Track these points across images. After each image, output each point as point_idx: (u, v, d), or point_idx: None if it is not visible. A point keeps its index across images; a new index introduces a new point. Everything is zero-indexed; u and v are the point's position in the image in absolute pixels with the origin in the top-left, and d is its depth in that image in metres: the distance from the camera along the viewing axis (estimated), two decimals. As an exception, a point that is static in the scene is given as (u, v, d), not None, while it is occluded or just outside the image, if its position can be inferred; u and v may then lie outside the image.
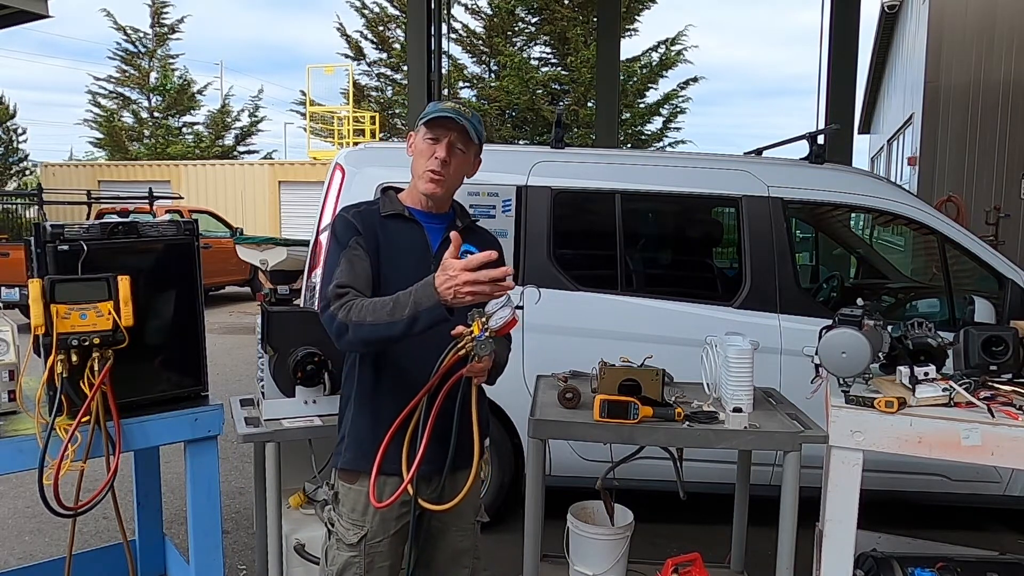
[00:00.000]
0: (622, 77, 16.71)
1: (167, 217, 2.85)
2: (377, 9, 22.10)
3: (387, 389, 2.04)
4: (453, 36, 17.86)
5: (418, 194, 2.12)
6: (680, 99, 21.14)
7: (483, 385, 2.00)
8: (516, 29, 21.16)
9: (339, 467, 2.14)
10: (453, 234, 1.87)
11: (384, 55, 22.56)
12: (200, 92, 27.95)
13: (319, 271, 3.91)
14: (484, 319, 1.88)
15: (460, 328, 1.91)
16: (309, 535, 2.79)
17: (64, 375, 2.12)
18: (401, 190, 2.19)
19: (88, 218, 13.02)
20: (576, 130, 18.64)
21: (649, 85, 20.87)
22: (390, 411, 2.00)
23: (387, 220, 2.11)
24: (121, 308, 2.17)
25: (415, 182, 2.12)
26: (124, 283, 2.19)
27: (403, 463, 1.97)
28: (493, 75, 21.29)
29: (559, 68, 20.76)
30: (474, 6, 20.95)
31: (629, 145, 19.62)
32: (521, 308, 1.91)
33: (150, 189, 13.70)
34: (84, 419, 2.14)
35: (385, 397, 2.05)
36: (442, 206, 2.15)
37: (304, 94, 21.44)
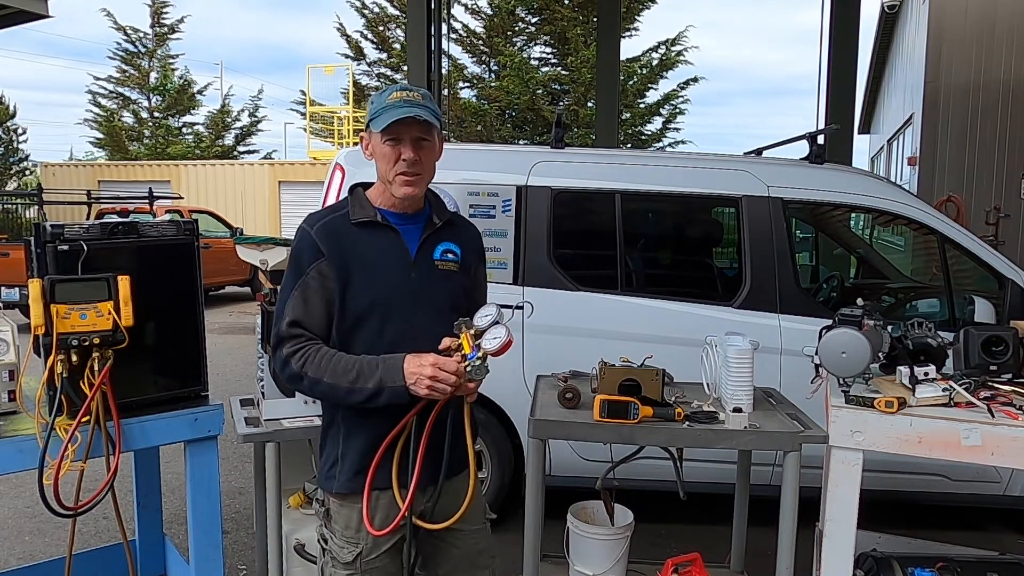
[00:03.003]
0: (622, 77, 16.72)
1: (167, 217, 2.85)
2: (377, 9, 22.15)
3: (379, 409, 1.91)
4: (453, 36, 17.87)
5: (391, 196, 1.99)
6: (680, 99, 21.17)
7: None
8: (516, 29, 21.16)
9: (334, 491, 2.01)
10: (446, 341, 1.84)
11: (384, 55, 22.58)
12: (200, 92, 28.01)
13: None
14: (473, 332, 1.82)
15: (448, 341, 1.85)
16: (309, 535, 2.78)
17: (64, 375, 2.12)
18: (369, 186, 2.04)
19: (88, 218, 13.02)
20: (576, 130, 18.64)
21: (649, 85, 20.87)
22: (380, 430, 1.93)
23: (358, 228, 1.96)
24: (121, 308, 2.17)
25: (386, 186, 1.97)
26: (124, 283, 2.19)
27: (394, 480, 1.92)
28: (493, 75, 21.29)
29: (559, 68, 20.76)
30: (474, 6, 20.98)
31: (629, 145, 19.62)
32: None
33: (150, 189, 13.69)
34: (84, 419, 2.14)
35: (377, 417, 1.93)
36: (418, 203, 2.03)
37: (304, 94, 21.48)
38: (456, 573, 2.12)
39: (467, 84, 21.26)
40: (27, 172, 26.69)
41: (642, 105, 20.94)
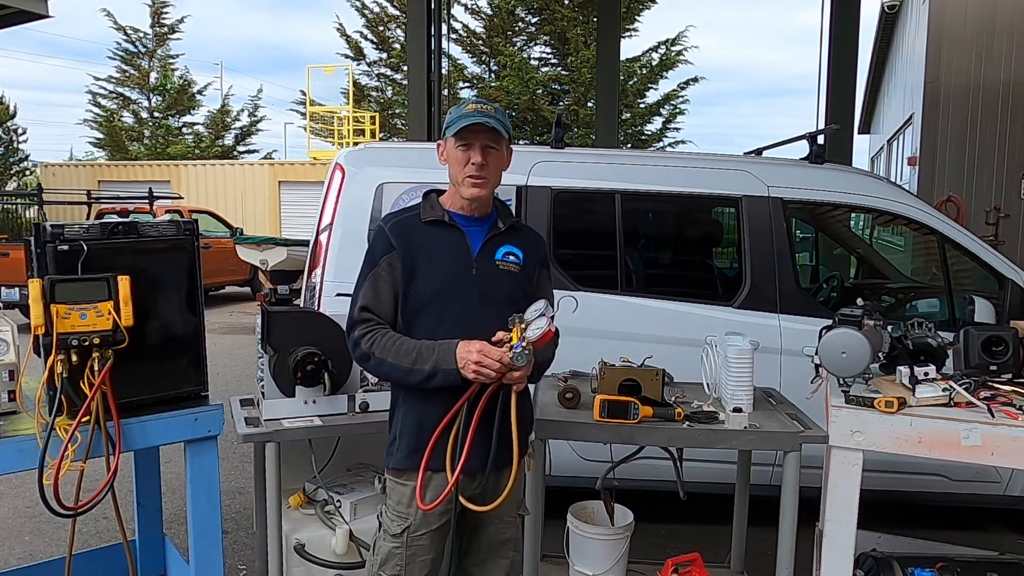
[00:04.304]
0: (622, 77, 16.72)
1: (167, 217, 2.85)
2: (377, 9, 22.14)
3: (434, 392, 2.08)
4: (453, 36, 17.88)
5: (460, 198, 2.17)
6: (680, 99, 21.16)
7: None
8: (516, 29, 21.16)
9: (391, 467, 2.20)
10: (499, 334, 1.98)
11: (384, 55, 22.57)
12: (200, 92, 27.94)
13: (319, 271, 3.91)
14: (523, 325, 1.95)
15: (500, 334, 1.99)
16: (309, 535, 2.79)
17: (64, 375, 2.12)
18: (442, 192, 2.24)
19: (88, 218, 13.01)
20: (576, 130, 18.63)
21: (649, 85, 20.87)
22: (436, 413, 2.08)
23: (427, 226, 2.16)
24: (121, 308, 2.17)
25: (456, 188, 2.17)
26: (124, 283, 2.19)
27: (447, 462, 2.05)
28: (493, 75, 21.29)
29: (559, 68, 20.76)
30: (474, 6, 20.98)
31: (629, 145, 19.62)
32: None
33: (150, 189, 13.68)
34: (84, 419, 2.14)
35: (432, 400, 2.10)
36: (484, 207, 2.21)
37: (304, 94, 21.46)
38: (479, 558, 2.28)
39: (467, 84, 21.26)
40: (27, 172, 26.65)
41: (642, 105, 20.94)
